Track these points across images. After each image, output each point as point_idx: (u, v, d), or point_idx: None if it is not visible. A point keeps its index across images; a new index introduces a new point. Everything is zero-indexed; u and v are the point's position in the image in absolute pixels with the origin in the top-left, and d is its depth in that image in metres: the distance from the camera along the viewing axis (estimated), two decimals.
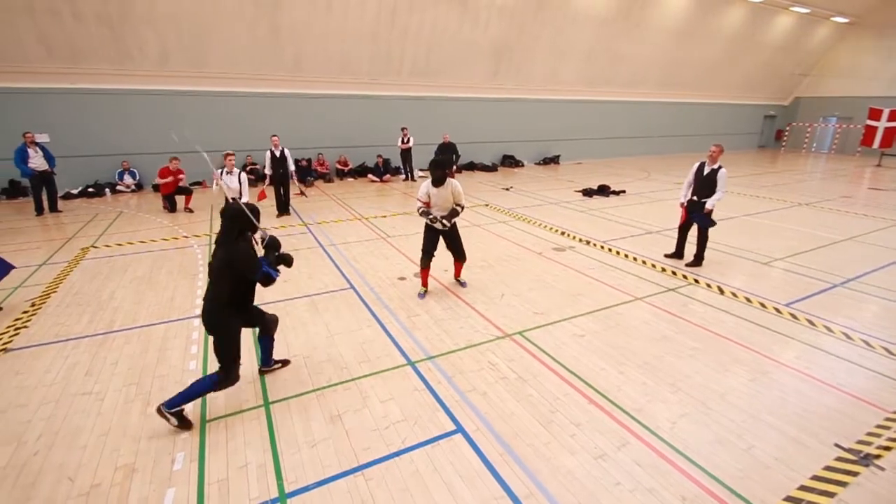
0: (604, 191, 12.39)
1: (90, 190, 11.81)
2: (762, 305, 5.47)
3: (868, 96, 22.22)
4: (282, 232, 8.44)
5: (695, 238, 6.77)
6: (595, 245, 7.79)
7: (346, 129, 15.03)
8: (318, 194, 12.33)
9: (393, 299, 5.52)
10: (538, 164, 18.96)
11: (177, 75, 12.40)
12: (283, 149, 9.35)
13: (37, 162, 9.56)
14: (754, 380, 3.96)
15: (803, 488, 2.82)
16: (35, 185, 9.73)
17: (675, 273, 6.51)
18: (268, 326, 3.76)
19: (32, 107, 11.15)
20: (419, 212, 5.46)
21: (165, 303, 5.46)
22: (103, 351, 4.38)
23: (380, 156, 14.79)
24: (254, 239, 3.48)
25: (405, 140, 13.95)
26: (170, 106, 12.54)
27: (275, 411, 3.51)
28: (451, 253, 5.74)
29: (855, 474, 2.94)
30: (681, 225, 6.93)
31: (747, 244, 7.91)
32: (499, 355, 4.31)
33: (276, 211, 9.74)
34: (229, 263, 3.18)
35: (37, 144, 9.68)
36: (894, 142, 19.52)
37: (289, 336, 4.65)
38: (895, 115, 19.19)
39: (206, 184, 12.89)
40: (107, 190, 12.06)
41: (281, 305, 5.35)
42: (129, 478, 2.87)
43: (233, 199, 6.83)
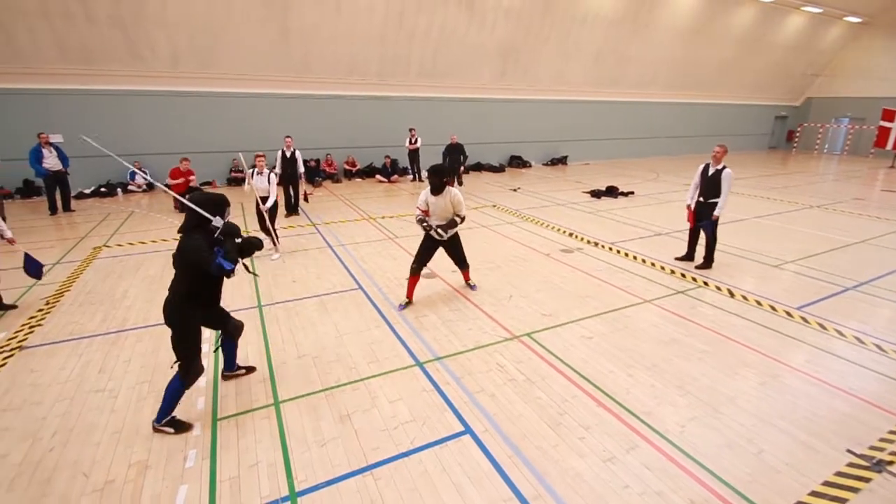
0: (612, 192, 12.32)
1: (102, 190, 11.99)
2: (772, 308, 5.42)
3: (881, 97, 21.89)
4: (290, 232, 8.51)
5: (704, 240, 6.72)
6: (603, 247, 7.76)
7: (354, 129, 15.10)
8: (327, 194, 12.40)
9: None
10: (546, 164, 18.90)
11: (187, 76, 12.54)
12: (294, 150, 9.42)
13: (51, 162, 9.72)
14: (764, 383, 3.93)
15: (814, 494, 2.80)
16: (49, 185, 9.89)
17: (684, 275, 6.48)
18: (230, 332, 3.66)
19: (46, 108, 11.32)
20: (416, 220, 5.32)
21: None
22: (116, 349, 4.45)
23: (388, 156, 14.85)
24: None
25: (413, 141, 13.98)
26: (180, 107, 12.69)
27: (285, 410, 3.54)
28: (453, 262, 5.65)
29: (867, 480, 2.91)
30: (691, 228, 6.89)
31: (757, 246, 7.83)
32: (507, 357, 4.31)
33: (284, 211, 9.80)
34: (181, 255, 3.15)
35: (51, 145, 9.84)
36: None
37: (298, 336, 4.69)
38: None
39: (216, 183, 13.03)
40: (119, 190, 12.24)
41: (290, 305, 5.40)
42: (142, 474, 2.92)
43: (260, 199, 6.95)
